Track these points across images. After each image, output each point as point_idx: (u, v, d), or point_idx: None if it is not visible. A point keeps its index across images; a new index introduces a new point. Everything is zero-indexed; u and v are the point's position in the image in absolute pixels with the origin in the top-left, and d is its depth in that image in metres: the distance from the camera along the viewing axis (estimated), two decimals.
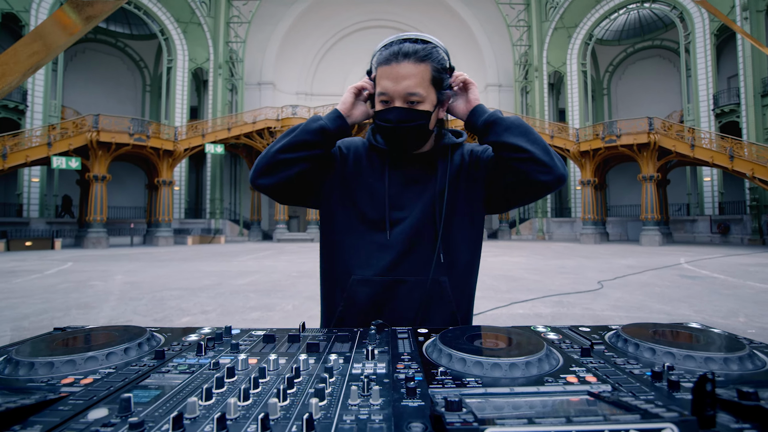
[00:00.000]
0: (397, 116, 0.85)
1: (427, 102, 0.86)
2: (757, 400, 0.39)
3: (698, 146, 15.61)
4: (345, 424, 0.34)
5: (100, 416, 0.33)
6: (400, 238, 0.92)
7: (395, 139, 0.89)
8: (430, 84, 0.86)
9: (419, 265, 0.92)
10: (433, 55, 0.86)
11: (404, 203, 0.94)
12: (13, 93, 18.07)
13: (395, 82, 0.84)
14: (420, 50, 0.84)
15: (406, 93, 0.84)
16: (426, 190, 0.95)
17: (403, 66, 0.83)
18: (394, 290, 0.92)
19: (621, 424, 0.31)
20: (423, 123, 0.87)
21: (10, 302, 5.35)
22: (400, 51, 0.84)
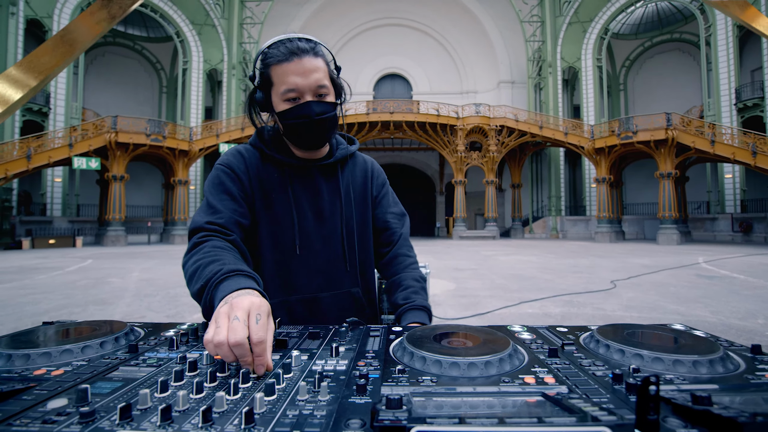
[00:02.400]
0: (314, 110, 0.84)
1: (331, 95, 0.89)
2: (710, 404, 0.39)
3: (719, 142, 15.10)
4: (286, 419, 0.35)
5: (58, 406, 0.35)
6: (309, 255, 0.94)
7: (311, 134, 0.88)
8: (329, 77, 0.88)
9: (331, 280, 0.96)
10: (324, 51, 0.89)
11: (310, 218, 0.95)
12: (36, 96, 18.70)
13: (304, 76, 0.83)
14: (314, 47, 0.87)
15: (317, 86, 0.84)
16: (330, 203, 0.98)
17: (306, 60, 0.83)
18: (310, 306, 0.94)
19: (554, 426, 0.31)
20: (334, 114, 0.89)
21: (33, 297, 5.56)
22: (299, 47, 0.83)
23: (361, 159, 1.09)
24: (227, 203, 0.87)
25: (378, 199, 1.08)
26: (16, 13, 17.36)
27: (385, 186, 1.11)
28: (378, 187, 1.09)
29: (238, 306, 0.52)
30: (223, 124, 21.18)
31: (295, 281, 0.93)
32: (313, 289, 0.94)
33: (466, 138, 21.51)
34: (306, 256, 0.94)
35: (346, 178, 1.01)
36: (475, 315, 4.60)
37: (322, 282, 0.95)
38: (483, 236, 21.27)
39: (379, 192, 1.09)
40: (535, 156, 25.54)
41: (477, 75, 28.42)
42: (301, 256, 0.93)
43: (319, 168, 0.97)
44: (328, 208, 0.97)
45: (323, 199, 0.97)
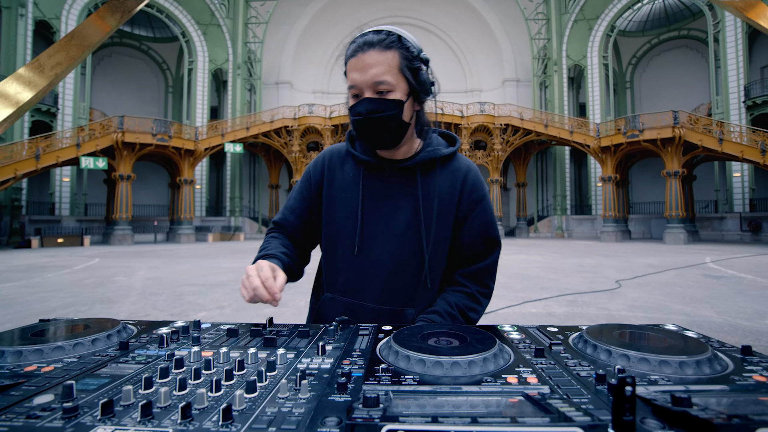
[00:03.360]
0: (366, 107, 0.81)
1: (398, 91, 0.82)
2: (689, 405, 0.39)
3: (727, 140, 14.91)
4: (265, 416, 0.35)
5: (44, 401, 0.36)
6: (366, 259, 0.89)
7: (368, 132, 0.84)
8: (399, 72, 0.81)
9: (384, 292, 0.89)
10: (403, 43, 0.83)
11: (377, 220, 0.89)
12: (45, 96, 18.94)
13: (362, 72, 0.81)
14: (385, 39, 0.81)
15: (374, 81, 0.80)
16: (403, 209, 0.89)
17: (368, 55, 0.80)
18: (358, 314, 0.89)
19: (527, 426, 0.31)
20: (394, 113, 0.81)
21: (41, 296, 5.65)
22: (365, 42, 0.81)
23: (457, 165, 0.94)
24: (291, 203, 0.99)
25: (467, 218, 0.92)
26: (24, 14, 17.58)
27: (481, 204, 0.93)
28: (470, 202, 0.92)
29: (249, 270, 0.76)
30: (228, 123, 21.30)
31: (345, 283, 0.91)
32: (362, 297, 0.89)
33: (471, 137, 21.44)
34: (362, 261, 0.89)
35: (429, 185, 0.90)
36: None
37: (374, 292, 0.89)
38: None
39: (471, 209, 0.92)
40: (540, 155, 25.39)
41: (482, 73, 28.31)
42: (357, 259, 0.89)
43: (398, 169, 0.90)
44: (399, 214, 0.89)
45: (396, 204, 0.89)
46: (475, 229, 0.92)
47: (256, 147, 23.58)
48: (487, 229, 0.93)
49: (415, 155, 0.92)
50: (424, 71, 0.85)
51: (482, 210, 0.93)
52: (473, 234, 0.92)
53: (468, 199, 0.92)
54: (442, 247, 0.91)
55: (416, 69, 0.84)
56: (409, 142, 0.92)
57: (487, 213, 0.94)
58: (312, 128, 21.45)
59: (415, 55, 0.84)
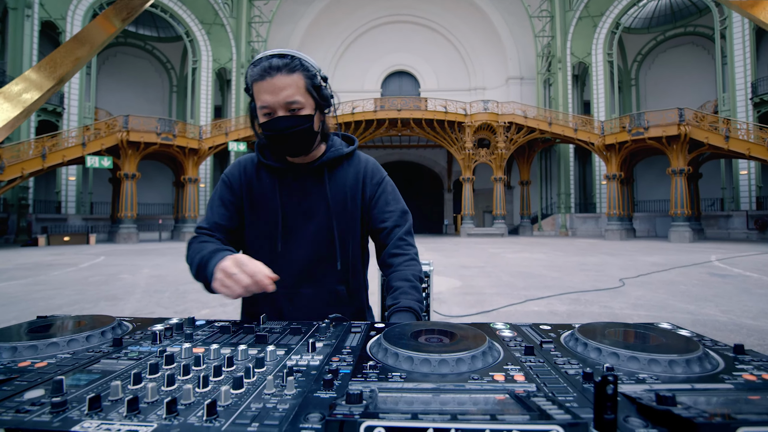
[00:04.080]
0: (284, 124, 0.91)
1: (307, 107, 0.94)
2: (673, 404, 0.39)
3: (734, 138, 14.74)
4: (249, 411, 0.36)
5: (34, 396, 0.37)
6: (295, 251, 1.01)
7: (285, 145, 0.95)
8: (306, 91, 0.93)
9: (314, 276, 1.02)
10: (302, 65, 0.93)
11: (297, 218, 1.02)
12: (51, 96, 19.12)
13: (274, 94, 0.90)
14: (289, 63, 0.91)
15: (286, 102, 0.90)
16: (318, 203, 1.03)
17: (277, 79, 0.89)
18: (293, 300, 1.01)
19: (507, 423, 0.32)
20: (308, 126, 0.94)
21: (47, 293, 5.71)
22: (270, 65, 0.90)
23: (357, 159, 1.11)
24: (216, 209, 1.04)
25: (374, 200, 1.09)
26: (31, 15, 17.72)
27: (382, 184, 1.11)
28: (373, 186, 1.09)
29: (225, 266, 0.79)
30: (232, 122, 21.37)
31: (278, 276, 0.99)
32: (295, 285, 1.01)
33: (474, 135, 21.36)
34: (289, 254, 1.01)
35: (337, 180, 1.05)
36: (480, 312, 4.59)
37: (304, 278, 1.01)
38: (491, 234, 21.13)
39: (375, 191, 1.09)
40: (544, 153, 25.26)
41: (485, 71, 28.17)
42: (284, 254, 1.01)
43: (309, 171, 1.03)
44: (314, 209, 1.02)
45: (310, 201, 1.03)
46: (388, 201, 1.09)
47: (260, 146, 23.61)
48: (397, 200, 1.11)
49: (321, 157, 1.05)
50: (324, 87, 0.98)
51: (385, 189, 1.10)
52: (381, 208, 1.08)
53: (370, 183, 1.09)
54: (353, 229, 1.06)
55: (318, 86, 0.96)
56: (316, 148, 1.05)
57: (388, 191, 1.11)
58: None
59: (315, 74, 0.96)
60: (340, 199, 1.04)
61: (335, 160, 1.06)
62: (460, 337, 0.58)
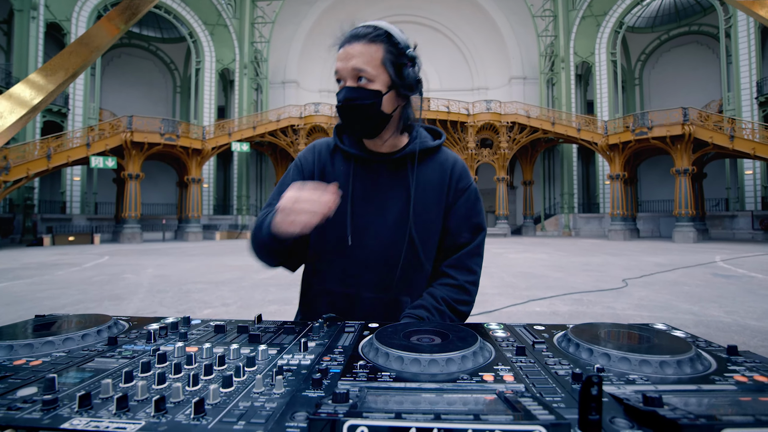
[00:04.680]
0: (345, 95, 0.84)
1: (378, 82, 0.84)
2: (660, 405, 0.39)
3: (738, 137, 14.63)
4: (237, 410, 0.36)
5: (26, 394, 0.38)
6: (360, 250, 0.91)
7: (347, 120, 0.87)
8: (381, 64, 0.84)
9: (379, 281, 0.91)
10: (387, 38, 0.85)
11: (369, 212, 0.92)
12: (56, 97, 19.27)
13: (344, 61, 0.83)
14: (371, 32, 0.84)
15: (354, 69, 0.83)
16: (394, 200, 0.92)
17: (353, 46, 0.83)
18: (353, 303, 0.91)
19: (489, 423, 0.32)
20: (372, 102, 0.83)
21: (51, 293, 5.75)
22: (352, 34, 0.85)
23: (444, 157, 0.98)
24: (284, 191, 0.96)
25: (455, 206, 0.96)
26: (36, 17, 17.87)
27: (467, 192, 0.97)
28: (457, 191, 0.96)
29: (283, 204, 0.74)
30: (235, 122, 21.45)
31: (341, 274, 0.92)
32: (358, 287, 0.91)
33: (477, 135, 21.33)
34: (356, 252, 0.91)
35: (420, 176, 0.93)
36: (482, 313, 4.58)
37: (369, 281, 0.91)
38: (494, 234, 21.09)
39: (458, 198, 0.96)
40: (547, 153, 25.17)
41: (488, 71, 28.12)
42: (351, 250, 0.91)
43: (387, 162, 0.93)
44: (391, 206, 0.92)
45: (386, 196, 0.92)
46: (461, 215, 0.95)
47: (263, 146, 23.72)
48: (472, 215, 0.97)
49: (403, 148, 0.94)
50: (409, 68, 0.87)
51: (467, 198, 0.96)
52: (458, 220, 0.95)
53: (455, 188, 0.96)
54: (434, 235, 0.94)
55: (400, 64, 0.86)
56: (394, 136, 0.94)
57: (471, 200, 0.97)
58: (318, 127, 21.50)
59: (402, 51, 0.86)
60: (422, 198, 0.92)
61: (420, 153, 0.94)
62: (452, 338, 0.58)
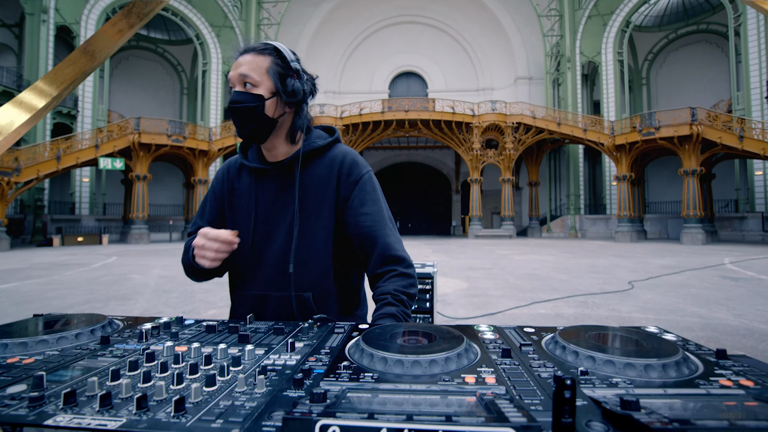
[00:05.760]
0: (232, 97, 0.93)
1: (262, 87, 0.92)
2: (636, 409, 0.39)
3: (748, 137, 14.41)
4: (217, 408, 0.37)
5: (15, 391, 0.39)
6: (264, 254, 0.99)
7: (235, 122, 0.94)
8: (266, 72, 0.92)
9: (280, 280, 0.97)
10: (275, 52, 0.94)
11: (269, 219, 1.00)
12: (66, 99, 19.54)
13: (234, 69, 0.93)
14: (261, 46, 0.94)
15: (240, 75, 0.91)
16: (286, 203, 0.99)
17: (243, 57, 0.93)
18: (264, 305, 0.98)
19: (460, 425, 0.32)
20: (255, 105, 0.91)
21: (60, 293, 5.84)
22: (245, 47, 0.94)
23: (333, 153, 1.01)
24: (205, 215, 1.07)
25: (350, 200, 0.97)
26: (47, 20, 18.16)
27: (360, 183, 0.98)
28: (349, 183, 0.98)
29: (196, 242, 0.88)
30: None
31: (249, 278, 1.00)
32: (263, 287, 0.98)
33: (482, 136, 21.26)
34: (258, 256, 0.99)
35: (307, 175, 0.98)
36: (485, 315, 4.57)
37: (273, 282, 0.97)
38: (499, 235, 20.99)
39: (351, 189, 0.98)
40: (553, 153, 25.01)
41: (493, 71, 28.02)
42: (253, 255, 0.99)
43: (281, 168, 0.99)
44: (283, 209, 0.98)
45: (280, 201, 0.99)
46: (356, 207, 0.97)
47: None
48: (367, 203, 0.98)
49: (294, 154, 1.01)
50: (293, 79, 0.94)
51: (361, 188, 0.98)
52: (361, 208, 0.97)
53: (346, 181, 0.98)
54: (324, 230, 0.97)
55: (284, 75, 0.94)
56: (287, 144, 1.00)
57: (366, 190, 0.99)
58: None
59: (288, 64, 0.94)
60: (309, 196, 0.97)
61: (307, 155, 0.99)
62: (438, 339, 0.58)
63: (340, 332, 0.66)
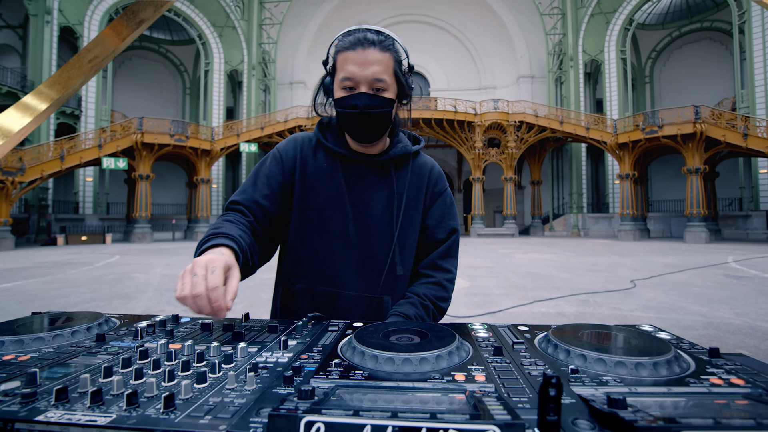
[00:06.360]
0: (364, 102, 0.83)
1: (391, 91, 0.86)
2: (623, 407, 0.39)
3: (752, 135, 14.31)
4: (207, 405, 0.38)
5: (9, 387, 0.40)
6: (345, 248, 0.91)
7: (360, 126, 0.87)
8: (393, 74, 0.86)
9: (363, 280, 0.92)
10: (396, 47, 0.87)
11: (369, 213, 0.92)
12: (70, 99, 19.64)
13: (362, 67, 0.82)
14: (384, 40, 0.85)
15: (374, 78, 0.83)
16: (378, 200, 0.93)
17: (369, 52, 0.83)
18: (334, 302, 0.91)
19: (444, 422, 0.33)
20: (388, 110, 0.87)
21: (64, 291, 5.89)
22: (366, 38, 0.83)
23: (422, 161, 1.02)
24: (261, 187, 0.91)
25: (431, 208, 0.99)
26: (50, 21, 18.26)
27: (443, 195, 1.01)
28: (434, 195, 1.00)
29: (198, 264, 0.62)
30: (243, 123, 21.65)
31: (322, 271, 0.91)
32: (341, 285, 0.91)
33: (484, 134, 21.21)
34: (341, 250, 0.91)
35: (401, 179, 0.95)
36: (486, 313, 4.57)
37: (351, 280, 0.91)
38: (501, 234, 20.96)
39: (435, 201, 1.00)
40: (556, 152, 24.93)
41: (495, 70, 27.95)
42: (336, 248, 0.91)
43: (372, 163, 0.94)
44: (374, 206, 0.93)
45: (371, 197, 0.93)
46: (437, 217, 1.00)
47: (271, 146, 23.91)
48: (447, 217, 1.01)
49: (387, 150, 0.97)
50: (408, 76, 0.91)
51: (443, 201, 1.02)
52: (434, 222, 0.99)
53: (432, 191, 1.00)
54: (413, 236, 0.97)
55: (404, 73, 0.90)
56: (384, 139, 0.97)
57: (446, 204, 1.02)
58: None
59: (404, 60, 0.90)
60: (402, 199, 0.94)
61: (402, 157, 0.96)
62: (430, 338, 0.59)
63: (334, 330, 0.66)
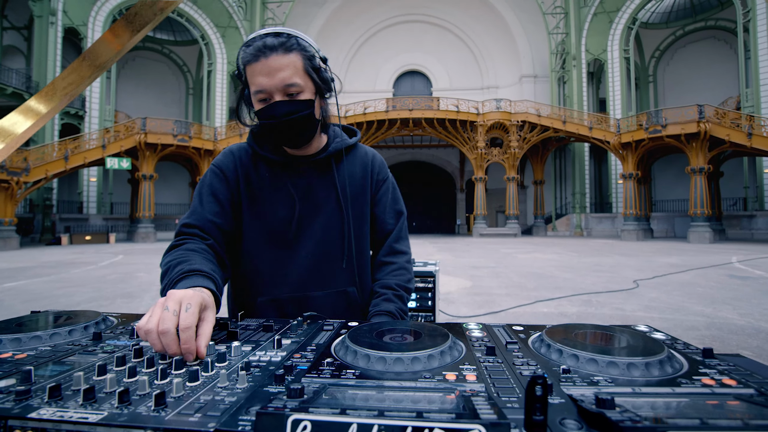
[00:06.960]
0: (282, 110, 0.82)
1: (307, 91, 0.84)
2: (611, 407, 0.39)
3: (757, 135, 14.20)
4: (197, 403, 0.38)
5: (4, 385, 0.40)
6: (303, 252, 0.93)
7: (285, 134, 0.86)
8: (305, 73, 0.83)
9: (325, 277, 0.94)
10: (299, 44, 0.83)
11: (303, 215, 0.93)
12: (74, 100, 19.78)
13: (269, 76, 0.80)
14: (286, 41, 0.82)
15: (284, 85, 0.81)
16: (325, 198, 0.95)
17: (272, 59, 0.80)
18: (302, 305, 0.92)
19: (430, 421, 0.33)
20: (309, 112, 0.85)
21: (67, 290, 5.93)
22: (265, 45, 0.80)
23: (362, 151, 1.04)
24: (209, 205, 0.89)
25: (377, 197, 1.03)
26: (55, 22, 18.38)
27: (386, 182, 1.05)
28: (378, 182, 1.04)
29: (172, 297, 0.58)
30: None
31: (285, 278, 0.92)
32: (304, 287, 0.92)
33: (487, 134, 21.17)
34: (297, 253, 0.92)
35: (343, 172, 0.97)
36: (488, 313, 4.56)
37: (314, 279, 0.93)
38: (504, 234, 20.92)
39: (379, 189, 1.04)
40: (559, 152, 24.84)
41: (498, 70, 27.90)
42: (292, 252, 0.92)
43: (312, 163, 0.95)
44: (322, 204, 0.94)
45: (317, 195, 0.94)
46: (384, 203, 1.05)
47: None
48: (392, 202, 1.06)
49: (326, 148, 0.98)
50: (323, 70, 0.89)
51: (386, 188, 1.06)
52: (383, 208, 1.04)
53: (376, 179, 1.04)
54: (365, 226, 1.01)
55: (318, 68, 0.87)
56: (317, 137, 0.97)
57: (390, 190, 1.07)
58: None
59: (314, 55, 0.86)
60: (350, 193, 0.97)
61: (341, 152, 0.98)
62: (424, 337, 0.59)
63: (329, 329, 0.67)
